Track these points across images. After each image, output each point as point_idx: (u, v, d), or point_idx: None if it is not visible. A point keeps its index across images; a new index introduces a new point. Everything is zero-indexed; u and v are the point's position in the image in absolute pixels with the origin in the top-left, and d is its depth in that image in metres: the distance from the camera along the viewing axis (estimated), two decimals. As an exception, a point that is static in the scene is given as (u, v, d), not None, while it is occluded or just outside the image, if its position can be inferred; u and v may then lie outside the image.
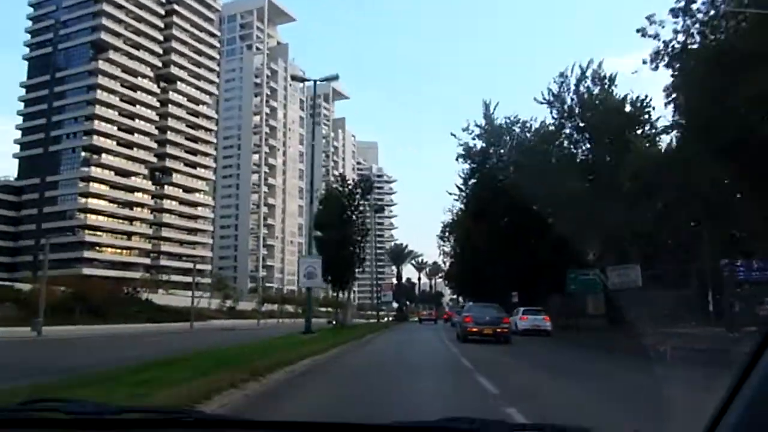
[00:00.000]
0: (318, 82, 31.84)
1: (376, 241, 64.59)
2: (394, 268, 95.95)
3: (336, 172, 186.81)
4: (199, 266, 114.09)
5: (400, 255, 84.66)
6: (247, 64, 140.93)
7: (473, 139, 34.95)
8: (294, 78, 65.04)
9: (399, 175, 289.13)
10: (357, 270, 38.16)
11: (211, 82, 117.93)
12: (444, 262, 70.21)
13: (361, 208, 37.29)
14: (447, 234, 59.39)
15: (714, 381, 2.39)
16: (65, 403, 1.85)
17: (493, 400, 8.08)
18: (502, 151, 34.25)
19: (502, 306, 34.37)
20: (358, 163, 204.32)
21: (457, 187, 38.62)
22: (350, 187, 36.95)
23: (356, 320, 57.13)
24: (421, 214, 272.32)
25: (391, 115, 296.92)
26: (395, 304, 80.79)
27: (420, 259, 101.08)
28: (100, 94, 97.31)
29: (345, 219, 35.13)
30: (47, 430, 1.78)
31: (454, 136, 35.41)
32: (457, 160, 36.43)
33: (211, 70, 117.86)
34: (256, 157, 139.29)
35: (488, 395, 8.53)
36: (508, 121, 34.75)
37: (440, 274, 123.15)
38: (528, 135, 34.33)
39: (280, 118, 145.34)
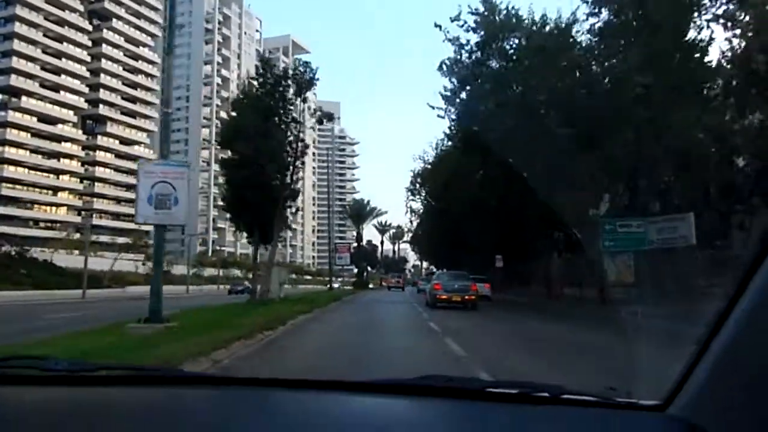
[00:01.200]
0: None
1: (331, 182, 53.44)
2: (355, 234, 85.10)
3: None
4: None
5: (361, 213, 71.49)
6: (197, 8, 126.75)
7: (466, 31, 23.50)
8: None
9: (363, 139, 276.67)
10: (289, 209, 26.02)
11: (153, 22, 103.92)
12: (411, 222, 59.80)
13: (295, 114, 24.93)
14: (418, 186, 48.50)
15: None
16: (41, 360, 1.82)
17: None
18: (511, 51, 22.60)
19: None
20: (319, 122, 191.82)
21: (443, 96, 25.97)
22: (278, 75, 24.42)
23: (301, 288, 46.90)
24: (385, 182, 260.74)
25: (356, 77, 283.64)
26: (355, 270, 70.13)
27: (384, 220, 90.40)
28: (20, 28, 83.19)
29: (269, 128, 22.59)
30: (23, 387, 1.72)
31: (439, 27, 23.84)
32: (440, 69, 24.84)
33: (153, 8, 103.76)
34: (207, 110, 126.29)
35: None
36: (511, 13, 23.26)
37: (404, 239, 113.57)
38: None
39: (233, 69, 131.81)
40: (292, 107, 23.96)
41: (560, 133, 20.43)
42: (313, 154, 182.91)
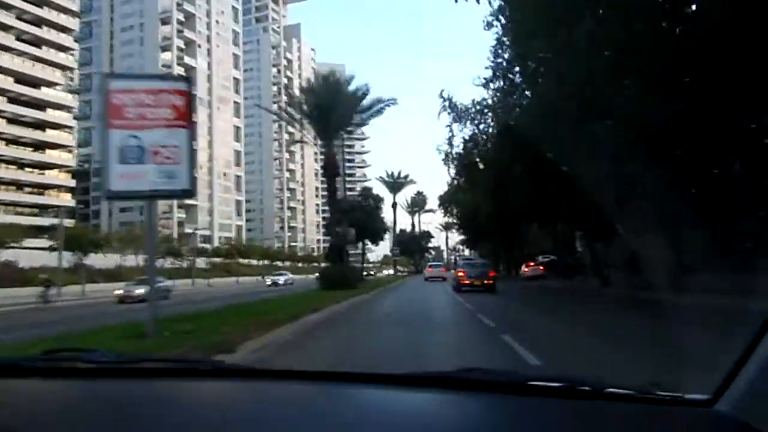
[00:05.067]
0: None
1: None
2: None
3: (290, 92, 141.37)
4: (55, 200, 69.96)
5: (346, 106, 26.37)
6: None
7: None
8: None
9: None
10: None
11: None
12: (449, 144, 25.85)
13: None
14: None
15: None
16: (85, 353, 1.79)
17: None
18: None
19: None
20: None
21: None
22: None
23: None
24: (403, 157, 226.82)
25: (363, 37, 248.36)
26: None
27: (398, 171, 56.28)
28: None
29: None
30: (68, 379, 1.71)
31: None
32: None
33: None
34: (167, 56, 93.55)
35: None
36: None
37: (427, 208, 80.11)
38: None
39: (200, 3, 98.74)
40: None
41: None
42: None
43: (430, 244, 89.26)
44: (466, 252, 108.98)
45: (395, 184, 58.78)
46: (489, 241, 54.93)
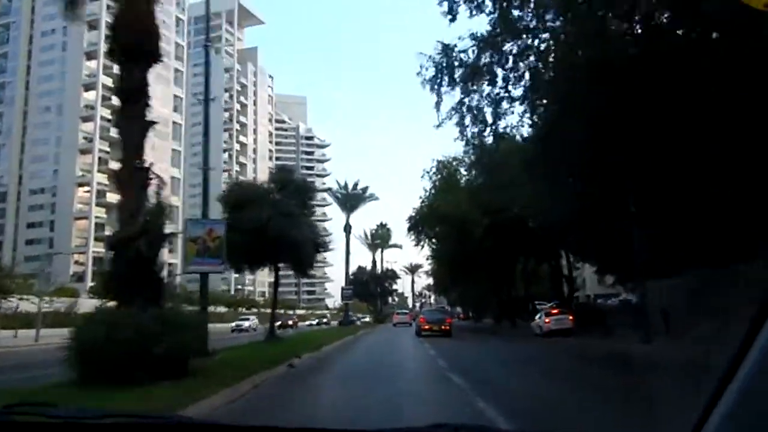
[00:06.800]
0: None
1: None
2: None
3: (243, 119, 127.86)
4: None
5: None
6: None
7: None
8: None
9: (336, 141, 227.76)
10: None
11: None
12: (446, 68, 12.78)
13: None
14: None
15: None
16: (48, 407, 1.71)
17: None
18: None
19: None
20: (279, 121, 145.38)
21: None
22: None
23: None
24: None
25: (328, 68, 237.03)
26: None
27: (359, 186, 42.46)
28: None
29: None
30: None
31: None
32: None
33: None
34: (92, 64, 79.57)
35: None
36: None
37: (392, 243, 66.39)
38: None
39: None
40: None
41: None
42: (270, 153, 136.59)
43: (395, 287, 75.11)
44: (432, 298, 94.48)
45: (349, 197, 44.46)
46: (472, 279, 41.62)
